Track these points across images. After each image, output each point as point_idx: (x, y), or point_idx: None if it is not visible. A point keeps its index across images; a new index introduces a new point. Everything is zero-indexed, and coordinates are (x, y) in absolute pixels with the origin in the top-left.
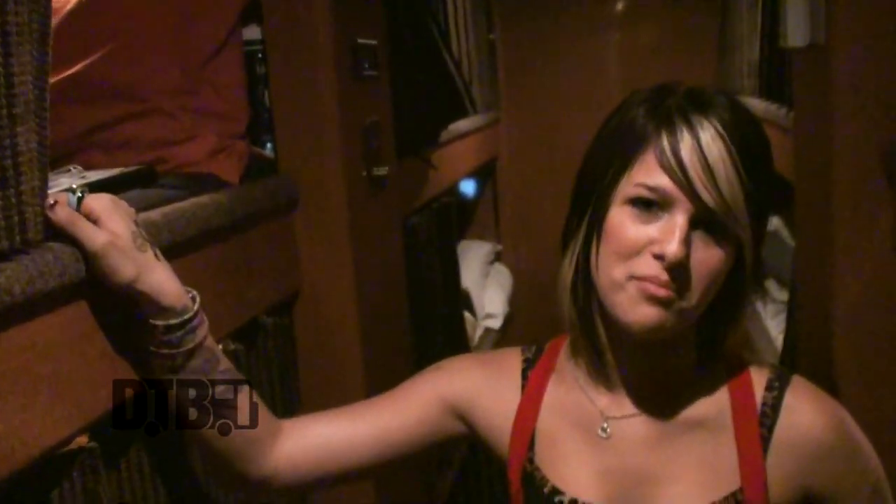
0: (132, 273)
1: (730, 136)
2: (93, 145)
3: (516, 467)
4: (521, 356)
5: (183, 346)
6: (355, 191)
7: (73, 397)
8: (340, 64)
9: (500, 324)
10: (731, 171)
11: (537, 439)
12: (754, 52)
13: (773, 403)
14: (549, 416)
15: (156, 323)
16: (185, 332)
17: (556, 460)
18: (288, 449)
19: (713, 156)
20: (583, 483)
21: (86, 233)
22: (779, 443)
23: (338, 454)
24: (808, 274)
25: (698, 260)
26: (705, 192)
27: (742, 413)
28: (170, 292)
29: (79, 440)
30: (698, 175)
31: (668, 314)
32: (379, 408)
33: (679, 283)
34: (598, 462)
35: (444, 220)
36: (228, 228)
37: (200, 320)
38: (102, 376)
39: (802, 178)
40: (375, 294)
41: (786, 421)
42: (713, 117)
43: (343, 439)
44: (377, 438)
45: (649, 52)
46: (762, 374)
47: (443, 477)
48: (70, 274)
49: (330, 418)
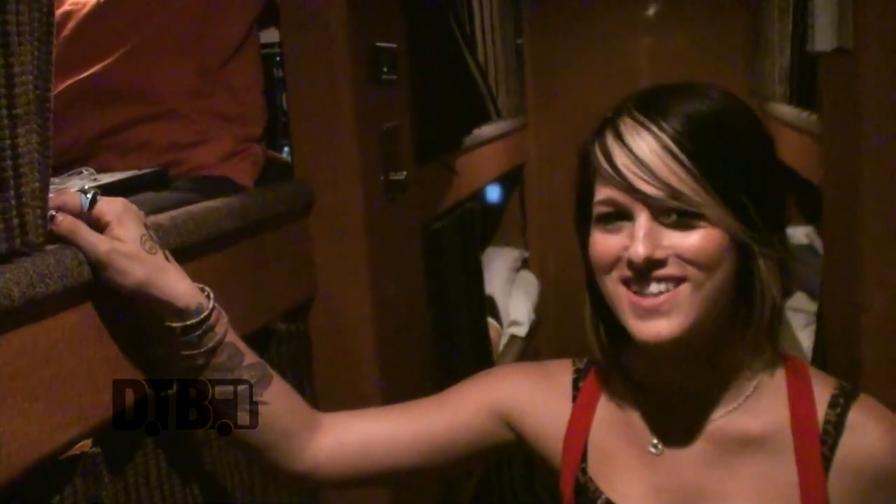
0: (142, 277)
1: (665, 128)
2: (108, 148)
3: (569, 478)
4: (572, 367)
5: (204, 346)
6: (372, 195)
7: (75, 402)
8: (359, 67)
9: (526, 331)
10: (669, 159)
11: (590, 452)
12: (785, 58)
13: (836, 421)
14: (601, 429)
15: (173, 325)
16: (204, 331)
17: (609, 474)
18: (328, 444)
19: (643, 152)
20: (636, 497)
21: (89, 242)
22: (841, 463)
23: (378, 453)
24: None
25: (680, 246)
26: (649, 188)
27: (803, 430)
28: (183, 293)
29: (82, 445)
30: (635, 174)
31: (676, 315)
32: (424, 409)
33: (670, 271)
34: (652, 478)
35: (467, 226)
36: (240, 232)
37: (218, 317)
38: (106, 381)
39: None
40: (393, 300)
41: (849, 440)
42: (646, 114)
43: (384, 438)
44: (420, 440)
45: (680, 58)
46: (826, 389)
47: (464, 484)
48: (72, 277)
49: (373, 416)
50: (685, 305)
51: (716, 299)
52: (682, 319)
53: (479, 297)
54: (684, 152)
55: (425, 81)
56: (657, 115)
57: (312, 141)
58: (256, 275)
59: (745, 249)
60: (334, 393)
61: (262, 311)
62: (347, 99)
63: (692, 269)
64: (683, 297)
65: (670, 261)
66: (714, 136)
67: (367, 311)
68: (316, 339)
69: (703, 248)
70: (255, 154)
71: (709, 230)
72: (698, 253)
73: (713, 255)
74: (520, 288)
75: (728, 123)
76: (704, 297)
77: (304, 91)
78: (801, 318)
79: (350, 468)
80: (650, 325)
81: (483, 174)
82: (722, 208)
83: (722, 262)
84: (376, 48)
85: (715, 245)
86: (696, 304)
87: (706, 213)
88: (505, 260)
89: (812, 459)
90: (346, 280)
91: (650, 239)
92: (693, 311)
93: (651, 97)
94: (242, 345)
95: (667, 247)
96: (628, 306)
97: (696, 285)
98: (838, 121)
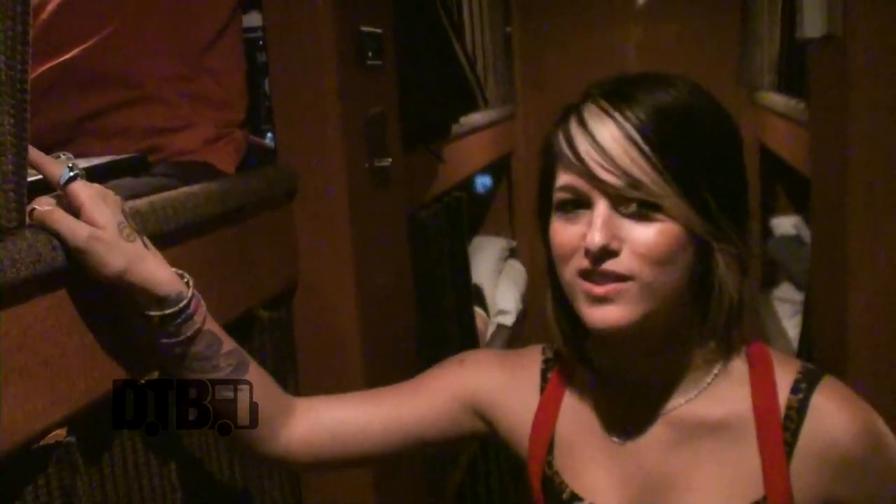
0: (121, 265)
1: (629, 116)
2: (88, 132)
3: (536, 471)
4: (541, 356)
5: (182, 334)
6: (357, 182)
7: (49, 390)
8: (343, 52)
9: (513, 321)
10: (632, 149)
11: (556, 443)
12: (775, 46)
13: (798, 406)
14: (567, 420)
15: (151, 314)
16: (183, 319)
17: (574, 465)
18: (301, 430)
19: (605, 140)
20: (601, 489)
21: (67, 228)
22: (803, 448)
23: (352, 438)
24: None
25: (636, 239)
26: (609, 176)
27: (764, 416)
28: (162, 281)
29: (56, 434)
30: (596, 161)
31: (625, 305)
32: (398, 396)
33: (622, 267)
34: (616, 468)
35: (454, 215)
36: (221, 219)
37: (197, 305)
38: (81, 368)
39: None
40: (377, 287)
41: (812, 425)
42: (611, 102)
43: (357, 425)
44: (393, 427)
45: (669, 48)
46: (789, 373)
47: (449, 476)
48: (45, 262)
49: (347, 402)
50: (632, 301)
51: (666, 295)
52: (632, 309)
53: (465, 286)
54: (647, 143)
55: (412, 68)
56: (622, 103)
57: (296, 126)
58: (238, 262)
59: (703, 245)
60: (317, 382)
61: (244, 299)
62: (332, 84)
63: (643, 266)
64: (630, 294)
65: (624, 254)
66: (678, 128)
67: (351, 300)
68: (299, 327)
69: (658, 242)
70: (237, 139)
71: (667, 224)
72: (652, 248)
73: (667, 251)
74: (507, 277)
75: (694, 116)
76: (653, 295)
77: (287, 76)
78: (788, 308)
79: (323, 453)
80: (601, 311)
81: (471, 163)
82: (682, 201)
83: (676, 258)
84: (361, 33)
85: (670, 240)
86: (645, 299)
87: (665, 205)
88: (492, 249)
89: (774, 445)
90: (330, 268)
91: (607, 228)
92: (642, 305)
93: (617, 85)
94: (221, 332)
95: (623, 238)
96: (582, 294)
97: (642, 286)
98: (827, 108)
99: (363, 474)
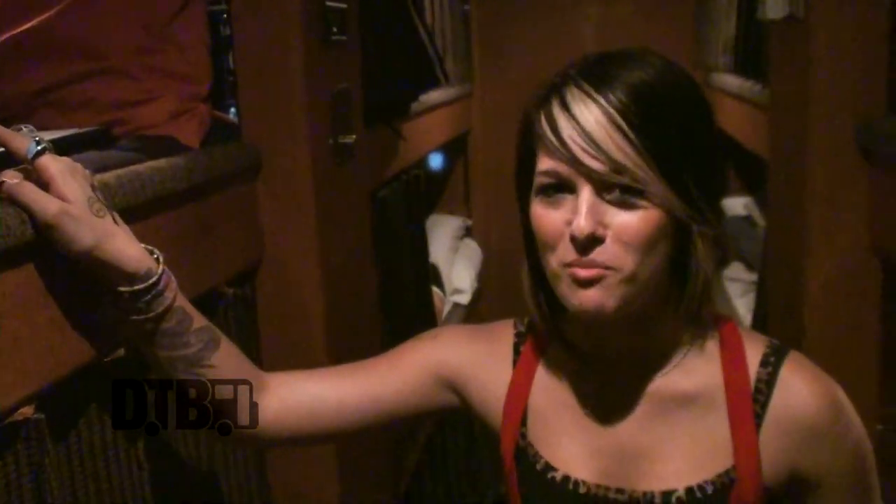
0: (90, 241)
1: (611, 100)
2: (48, 104)
3: (509, 444)
4: (513, 330)
5: (153, 311)
6: (321, 158)
7: (17, 366)
8: (308, 27)
9: (469, 299)
10: (615, 133)
11: (529, 416)
12: (731, 28)
13: (767, 379)
14: (540, 392)
15: (121, 290)
16: (153, 295)
17: (548, 437)
18: (274, 405)
19: (590, 124)
20: (575, 460)
21: (36, 202)
22: (772, 420)
23: (326, 415)
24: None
25: (619, 226)
26: (594, 162)
27: (735, 389)
28: (132, 257)
29: (24, 411)
30: (580, 147)
31: (606, 290)
32: (372, 372)
33: (606, 256)
34: (589, 440)
35: (412, 194)
36: (186, 194)
37: (167, 281)
38: (51, 344)
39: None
40: (340, 264)
41: (780, 398)
42: (593, 84)
43: (331, 400)
44: (367, 403)
45: (625, 27)
46: (757, 348)
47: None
48: (14, 236)
49: (320, 377)
50: (614, 287)
51: (647, 281)
52: (614, 295)
53: (423, 263)
54: (631, 127)
55: (374, 43)
56: (603, 84)
57: (260, 102)
58: (203, 238)
59: (683, 228)
60: (282, 357)
61: (208, 275)
62: (297, 59)
63: (627, 255)
64: (613, 281)
65: (608, 241)
66: (659, 109)
67: (315, 276)
68: (263, 303)
69: (641, 230)
70: (201, 113)
71: (650, 211)
72: (635, 236)
73: (650, 239)
74: (463, 256)
75: (672, 95)
76: (634, 282)
77: (251, 50)
78: (738, 287)
79: (296, 429)
80: (584, 295)
81: (429, 141)
82: (664, 185)
83: (658, 244)
84: (326, 7)
85: (653, 227)
86: (627, 286)
87: (649, 191)
88: (448, 228)
89: (744, 416)
90: (294, 244)
91: (592, 215)
92: (623, 292)
93: (596, 66)
94: (191, 308)
95: (607, 224)
96: (567, 278)
97: (625, 275)
98: (787, 90)
99: (328, 457)
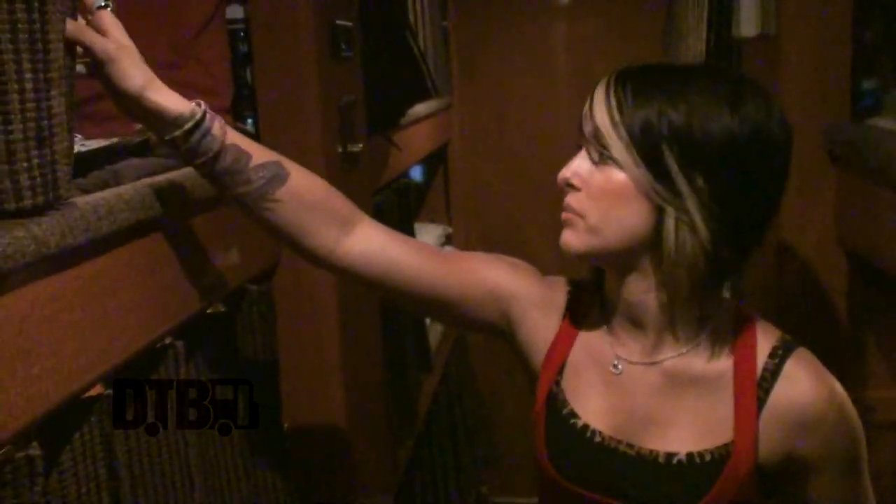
0: (141, 80)
1: (621, 81)
2: (86, 116)
3: (544, 387)
4: (567, 286)
5: (208, 152)
6: (332, 166)
7: (96, 346)
8: (320, 44)
9: None
10: (603, 105)
11: (566, 367)
12: (700, 43)
13: (773, 370)
14: (579, 347)
15: (174, 136)
16: (202, 134)
17: (578, 388)
18: (356, 250)
19: (598, 97)
20: (595, 412)
21: (98, 40)
22: (773, 407)
23: (395, 280)
24: None
25: (589, 179)
26: (587, 126)
27: (743, 374)
28: (174, 104)
29: (96, 389)
30: (586, 113)
31: (575, 234)
32: (451, 267)
33: (576, 203)
34: (610, 397)
35: (404, 201)
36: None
37: (213, 119)
38: (121, 327)
39: None
40: None
41: (782, 388)
42: (622, 73)
43: (406, 273)
44: (438, 288)
45: (595, 42)
46: (769, 340)
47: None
48: (92, 231)
49: (404, 247)
50: (580, 232)
51: (612, 239)
52: (579, 238)
53: None
54: (616, 99)
55: (374, 58)
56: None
57: (276, 113)
58: (232, 239)
59: (660, 211)
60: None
61: (238, 274)
62: (310, 73)
63: (591, 206)
64: (580, 228)
65: (583, 192)
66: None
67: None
68: (280, 300)
69: (602, 185)
70: None
71: (617, 173)
72: (598, 188)
73: (611, 195)
74: None
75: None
76: (597, 234)
77: (269, 65)
78: None
79: (364, 274)
80: (562, 235)
81: (416, 151)
82: (632, 155)
83: (623, 207)
84: (335, 26)
85: (615, 185)
86: (591, 235)
87: (614, 156)
88: (430, 236)
89: (748, 399)
90: None
91: (572, 168)
92: (587, 239)
93: (636, 69)
94: (250, 145)
95: (580, 175)
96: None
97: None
98: None
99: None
